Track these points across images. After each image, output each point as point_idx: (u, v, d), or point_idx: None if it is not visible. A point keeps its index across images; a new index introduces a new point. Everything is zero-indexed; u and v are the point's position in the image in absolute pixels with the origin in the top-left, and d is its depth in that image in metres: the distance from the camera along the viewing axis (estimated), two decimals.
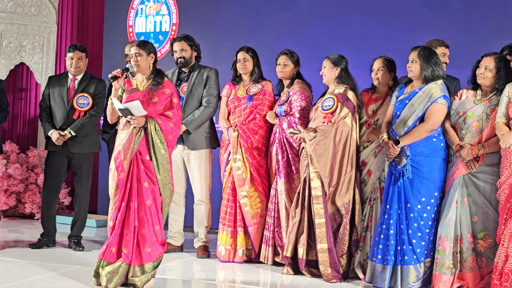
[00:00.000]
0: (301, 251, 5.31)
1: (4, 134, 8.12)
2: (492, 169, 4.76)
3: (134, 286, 4.68)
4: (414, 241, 4.87)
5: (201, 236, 6.11)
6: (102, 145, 6.96)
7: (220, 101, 6.09)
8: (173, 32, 7.90)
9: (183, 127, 5.87)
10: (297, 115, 5.61)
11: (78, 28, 8.43)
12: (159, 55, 7.57)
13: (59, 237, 6.25)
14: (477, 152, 4.74)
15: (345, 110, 5.27)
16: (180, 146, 6.01)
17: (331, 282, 5.16)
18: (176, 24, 7.90)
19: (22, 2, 8.19)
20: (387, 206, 4.97)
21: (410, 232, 4.88)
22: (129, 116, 4.69)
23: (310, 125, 5.44)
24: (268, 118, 5.80)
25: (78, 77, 6.23)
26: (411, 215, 4.88)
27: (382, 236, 4.96)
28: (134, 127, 4.72)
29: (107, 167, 5.75)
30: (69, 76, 6.24)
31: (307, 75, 5.89)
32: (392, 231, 4.91)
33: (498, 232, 4.64)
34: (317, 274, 5.29)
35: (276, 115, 5.76)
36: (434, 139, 4.91)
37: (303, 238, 5.29)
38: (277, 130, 5.70)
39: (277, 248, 5.68)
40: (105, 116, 5.93)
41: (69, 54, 6.21)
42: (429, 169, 4.88)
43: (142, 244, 4.69)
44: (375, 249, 5.00)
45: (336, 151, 5.24)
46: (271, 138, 5.77)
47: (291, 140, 5.62)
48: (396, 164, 4.92)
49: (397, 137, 4.91)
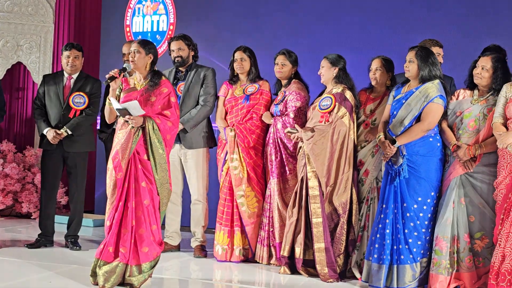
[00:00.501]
0: (298, 251, 5.31)
1: (1, 134, 8.10)
2: (489, 169, 4.77)
3: (131, 285, 4.69)
4: (410, 241, 4.88)
5: (198, 236, 6.10)
6: (100, 144, 6.95)
7: (217, 100, 6.09)
8: (170, 32, 7.90)
9: (180, 126, 5.87)
10: (292, 115, 5.61)
11: (75, 27, 8.40)
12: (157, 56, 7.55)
13: (55, 237, 6.23)
14: (474, 152, 4.75)
15: (343, 109, 5.27)
16: (177, 145, 6.01)
17: (328, 282, 5.16)
18: (174, 23, 7.90)
19: (19, 2, 8.16)
20: (383, 206, 4.98)
21: (406, 231, 4.88)
22: (127, 116, 4.68)
23: (308, 124, 5.44)
24: (264, 118, 5.79)
25: (74, 76, 6.20)
26: (408, 215, 4.88)
27: (378, 235, 4.97)
28: (132, 126, 4.71)
29: (104, 167, 5.75)
30: (65, 75, 6.21)
31: (305, 74, 5.89)
32: (388, 231, 4.91)
33: (495, 232, 4.65)
34: (314, 274, 5.29)
35: (272, 115, 5.77)
36: (431, 139, 4.92)
37: (300, 237, 5.29)
38: (272, 130, 5.70)
39: (271, 249, 5.68)
40: (102, 116, 5.92)
41: (65, 53, 6.19)
42: (426, 169, 4.88)
43: (140, 244, 4.69)
44: (371, 249, 5.01)
45: (333, 150, 5.24)
46: (267, 138, 5.77)
47: (285, 141, 5.62)
48: (392, 164, 4.93)
49: (394, 137, 4.92)
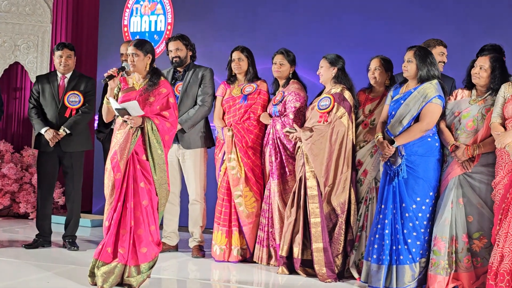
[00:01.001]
0: (296, 251, 5.31)
1: None
2: (487, 169, 4.77)
3: (129, 286, 4.68)
4: (409, 241, 4.88)
5: (196, 236, 6.10)
6: (98, 144, 6.94)
7: (215, 100, 6.08)
8: (168, 32, 7.89)
9: (178, 126, 5.85)
10: (291, 116, 5.59)
11: (72, 27, 8.40)
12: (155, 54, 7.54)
13: (53, 237, 6.23)
14: (472, 152, 4.75)
15: (342, 109, 5.26)
16: (175, 146, 6.00)
17: (326, 282, 5.16)
18: (171, 23, 7.89)
19: (17, 1, 8.15)
20: (382, 206, 4.97)
21: (405, 231, 4.88)
22: (126, 116, 4.67)
23: (306, 124, 5.43)
24: (261, 119, 5.77)
25: (67, 75, 6.19)
26: (406, 215, 4.88)
27: (377, 235, 4.97)
28: (131, 127, 4.71)
29: (102, 167, 5.74)
30: (58, 75, 6.20)
31: (303, 74, 5.88)
32: (387, 231, 4.91)
33: (493, 232, 4.65)
34: (312, 274, 5.29)
35: (270, 115, 5.76)
36: (429, 139, 4.92)
37: (299, 237, 5.29)
38: (271, 131, 5.67)
39: (271, 250, 5.67)
40: (100, 116, 5.91)
41: (57, 52, 6.17)
42: (424, 169, 4.88)
43: (138, 244, 4.69)
44: (370, 249, 5.00)
45: (332, 150, 5.23)
46: (265, 139, 5.75)
47: (285, 141, 5.60)
48: (391, 164, 4.93)
49: (392, 137, 4.91)
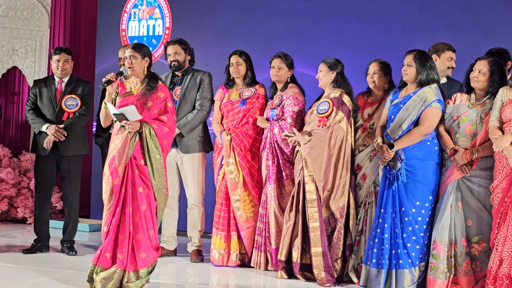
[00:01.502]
0: (295, 255, 5.30)
1: None
2: (486, 173, 4.76)
3: None
4: (409, 245, 4.87)
5: (194, 240, 6.08)
6: (96, 149, 6.93)
7: (213, 104, 6.07)
8: (166, 36, 7.88)
9: (176, 130, 5.85)
10: (289, 120, 5.58)
11: (70, 32, 8.40)
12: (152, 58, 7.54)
13: (51, 242, 6.22)
14: (471, 156, 4.74)
15: (340, 114, 5.26)
16: (173, 150, 5.99)
17: (325, 286, 5.15)
18: (169, 28, 7.89)
19: (15, 6, 8.15)
20: (382, 210, 4.96)
21: (404, 236, 4.87)
22: (123, 121, 4.66)
23: (305, 128, 5.42)
24: (258, 123, 5.75)
25: (65, 80, 6.21)
26: (406, 219, 4.88)
27: (376, 240, 4.96)
28: (129, 132, 4.69)
29: (100, 172, 5.72)
30: (56, 79, 6.22)
31: (301, 79, 5.88)
32: (386, 235, 4.90)
33: (492, 236, 4.64)
34: (311, 278, 5.28)
35: (267, 119, 5.74)
36: (428, 143, 4.92)
37: (298, 241, 5.28)
38: (268, 134, 5.66)
39: (268, 255, 5.65)
40: (98, 120, 5.91)
41: (55, 57, 6.19)
42: (424, 173, 4.88)
43: (137, 250, 4.66)
44: (370, 253, 5.00)
45: (330, 155, 5.23)
46: (262, 143, 5.74)
47: (282, 146, 5.58)
48: (390, 168, 4.92)
49: (392, 141, 4.91)
